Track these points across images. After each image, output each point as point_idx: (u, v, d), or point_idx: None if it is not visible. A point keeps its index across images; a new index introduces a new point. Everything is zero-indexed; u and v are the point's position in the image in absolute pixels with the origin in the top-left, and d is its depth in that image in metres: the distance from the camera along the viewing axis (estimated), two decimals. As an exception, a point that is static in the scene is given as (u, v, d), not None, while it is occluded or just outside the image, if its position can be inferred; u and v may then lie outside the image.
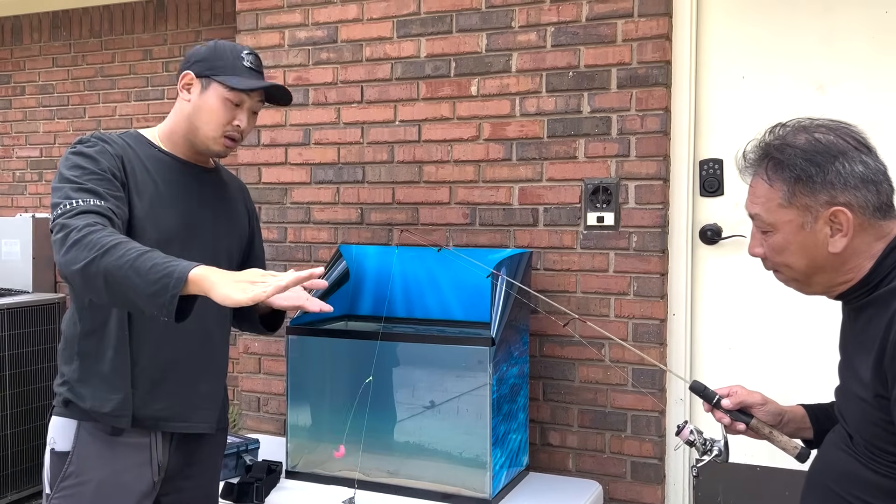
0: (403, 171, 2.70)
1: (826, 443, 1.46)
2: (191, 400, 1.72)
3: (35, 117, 4.48)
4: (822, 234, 1.32)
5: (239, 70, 1.71)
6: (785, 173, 1.32)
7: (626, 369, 2.43)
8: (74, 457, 1.64)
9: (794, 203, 1.32)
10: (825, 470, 1.41)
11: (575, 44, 2.47)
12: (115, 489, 1.65)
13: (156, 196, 1.68)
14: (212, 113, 1.70)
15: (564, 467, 2.50)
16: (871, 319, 1.31)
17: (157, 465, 1.71)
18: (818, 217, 1.31)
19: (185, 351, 1.71)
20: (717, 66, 2.46)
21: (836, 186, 1.29)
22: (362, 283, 2.55)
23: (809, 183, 1.30)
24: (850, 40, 2.33)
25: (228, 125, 1.71)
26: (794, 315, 2.37)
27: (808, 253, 1.34)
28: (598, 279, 2.45)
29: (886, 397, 1.24)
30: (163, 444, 1.72)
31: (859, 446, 1.32)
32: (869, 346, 1.28)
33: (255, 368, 2.92)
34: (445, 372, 2.15)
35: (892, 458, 1.27)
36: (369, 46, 2.74)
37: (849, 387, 1.37)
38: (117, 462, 1.65)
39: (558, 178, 2.50)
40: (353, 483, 2.22)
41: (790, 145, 1.33)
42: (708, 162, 2.46)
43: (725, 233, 2.44)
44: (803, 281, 1.39)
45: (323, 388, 2.32)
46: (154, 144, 1.74)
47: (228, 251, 1.83)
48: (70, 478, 1.63)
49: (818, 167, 1.30)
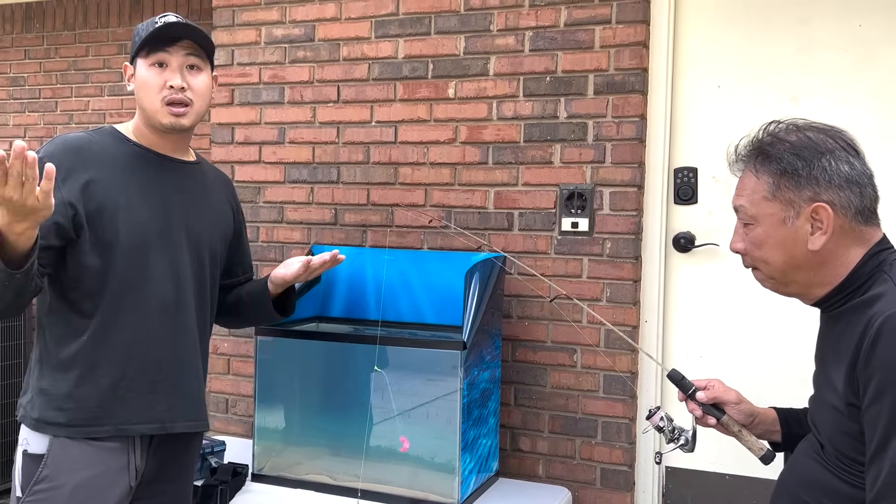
0: (379, 172, 2.68)
1: (797, 451, 1.46)
2: (171, 401, 1.68)
3: (5, 110, 4.39)
4: (803, 231, 1.32)
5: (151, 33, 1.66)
6: (772, 166, 1.34)
7: (598, 375, 2.42)
8: (49, 460, 1.58)
9: (778, 197, 1.33)
10: (795, 478, 1.42)
11: (553, 49, 2.47)
12: (90, 494, 1.60)
13: (131, 193, 1.64)
14: (144, 85, 1.66)
15: (534, 473, 2.49)
16: (846, 328, 1.31)
17: (134, 470, 1.67)
18: (800, 213, 1.32)
19: (163, 351, 1.67)
20: (693, 74, 2.47)
21: (820, 183, 1.30)
22: (334, 285, 2.52)
23: (794, 177, 1.32)
24: (825, 53, 2.35)
25: (164, 90, 1.65)
26: (766, 324, 2.38)
27: (786, 249, 1.34)
28: (572, 285, 2.45)
29: (858, 406, 1.25)
30: (141, 449, 1.67)
31: (830, 455, 1.33)
32: (843, 354, 1.29)
33: (223, 369, 2.88)
34: (416, 375, 2.13)
35: (861, 468, 1.27)
36: (347, 46, 2.72)
37: (823, 395, 1.37)
38: (94, 467, 1.61)
39: (534, 182, 2.50)
40: (320, 487, 2.19)
41: (781, 140, 1.35)
42: (682, 170, 2.47)
43: (699, 241, 2.45)
44: (780, 279, 1.39)
45: (292, 390, 2.28)
46: (129, 139, 1.70)
47: (211, 247, 1.79)
48: (44, 482, 1.57)
49: (804, 161, 1.31)
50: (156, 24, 1.67)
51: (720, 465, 2.43)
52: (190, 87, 1.67)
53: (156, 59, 1.66)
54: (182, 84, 1.66)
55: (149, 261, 1.65)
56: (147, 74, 1.66)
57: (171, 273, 1.68)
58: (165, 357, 1.67)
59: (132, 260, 1.62)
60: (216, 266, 1.82)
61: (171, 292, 1.68)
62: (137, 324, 1.64)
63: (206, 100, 1.72)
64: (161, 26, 1.66)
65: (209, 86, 1.72)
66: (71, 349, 1.61)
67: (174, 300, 1.68)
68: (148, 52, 1.65)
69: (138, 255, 1.63)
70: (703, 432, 1.57)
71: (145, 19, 1.76)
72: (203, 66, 1.71)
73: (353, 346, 2.21)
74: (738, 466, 2.40)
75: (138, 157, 1.68)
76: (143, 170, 1.68)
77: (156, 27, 1.66)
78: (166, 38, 1.66)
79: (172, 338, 1.68)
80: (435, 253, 2.57)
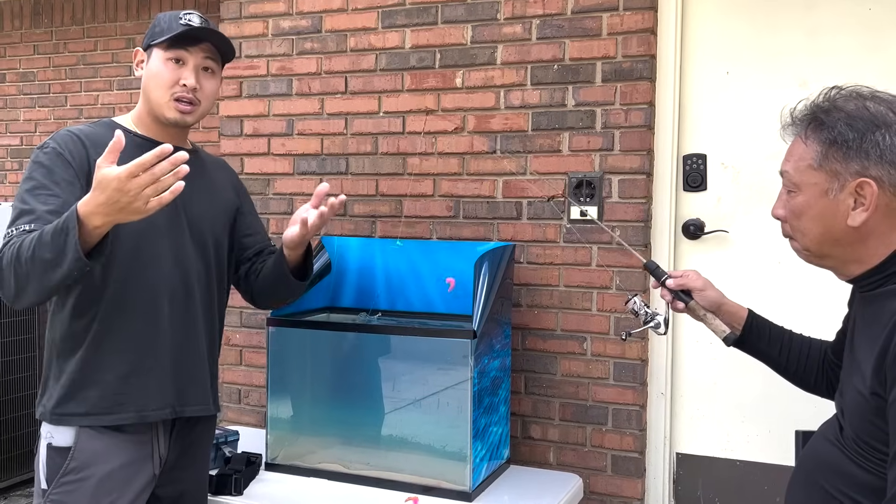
0: (387, 162, 2.69)
1: (818, 433, 1.45)
2: (180, 385, 1.70)
3: (15, 105, 4.42)
4: (844, 206, 1.28)
5: (175, 29, 1.68)
6: (823, 134, 1.29)
7: (608, 363, 2.43)
8: (76, 452, 1.61)
9: (825, 167, 1.28)
10: (814, 462, 1.40)
11: (560, 37, 2.46)
12: (116, 484, 1.63)
13: None
14: (157, 77, 1.68)
15: (545, 460, 2.50)
16: (879, 313, 1.27)
17: (158, 458, 1.70)
18: (844, 186, 1.27)
19: (170, 338, 1.69)
20: (701, 61, 2.46)
21: (870, 157, 1.25)
22: (344, 276, 2.53)
23: (844, 148, 1.26)
24: (834, 37, 2.33)
25: (175, 86, 1.68)
26: (776, 310, 2.37)
27: (825, 222, 1.30)
28: (581, 273, 2.45)
29: (883, 397, 1.22)
30: (164, 436, 1.70)
31: (849, 440, 1.30)
32: (874, 340, 1.25)
33: (236, 360, 2.90)
34: (427, 364, 2.14)
35: (880, 456, 1.24)
36: (354, 37, 2.72)
37: (849, 377, 1.35)
38: (120, 457, 1.63)
39: (542, 171, 2.50)
40: (333, 475, 2.21)
41: (838, 108, 1.30)
42: (691, 157, 2.47)
43: (708, 228, 2.44)
44: (815, 251, 1.36)
45: (304, 380, 2.30)
46: (129, 131, 1.71)
47: (214, 233, 1.80)
48: (71, 473, 1.60)
49: (857, 133, 1.26)
50: (180, 21, 1.68)
51: (731, 451, 2.43)
52: (201, 88, 1.71)
53: (175, 55, 1.68)
54: (195, 85, 1.69)
55: (151, 250, 1.66)
56: (162, 68, 1.68)
57: (174, 261, 1.69)
58: (172, 343, 1.69)
59: (135, 250, 1.64)
60: (222, 251, 1.83)
61: (175, 280, 1.69)
62: (143, 313, 1.65)
63: (212, 102, 1.77)
64: (189, 28, 1.68)
65: (218, 89, 1.78)
66: (79, 341, 1.63)
67: (179, 288, 1.70)
68: (168, 46, 1.67)
69: (141, 244, 1.65)
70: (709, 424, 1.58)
71: (153, 14, 1.78)
72: (217, 71, 1.75)
73: (363, 336, 2.23)
74: (749, 452, 2.41)
75: (137, 145, 1.67)
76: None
77: (182, 27, 1.67)
78: (190, 37, 1.68)
79: (179, 325, 1.70)
80: (444, 242, 2.58)
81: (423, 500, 2.09)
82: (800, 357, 1.65)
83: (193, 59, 1.69)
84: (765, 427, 2.39)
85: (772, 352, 1.67)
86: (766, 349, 1.68)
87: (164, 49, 1.67)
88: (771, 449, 2.36)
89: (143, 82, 1.71)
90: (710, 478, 2.46)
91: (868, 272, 1.31)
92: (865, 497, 1.26)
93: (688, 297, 1.66)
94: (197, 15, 1.72)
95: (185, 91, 1.68)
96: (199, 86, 1.70)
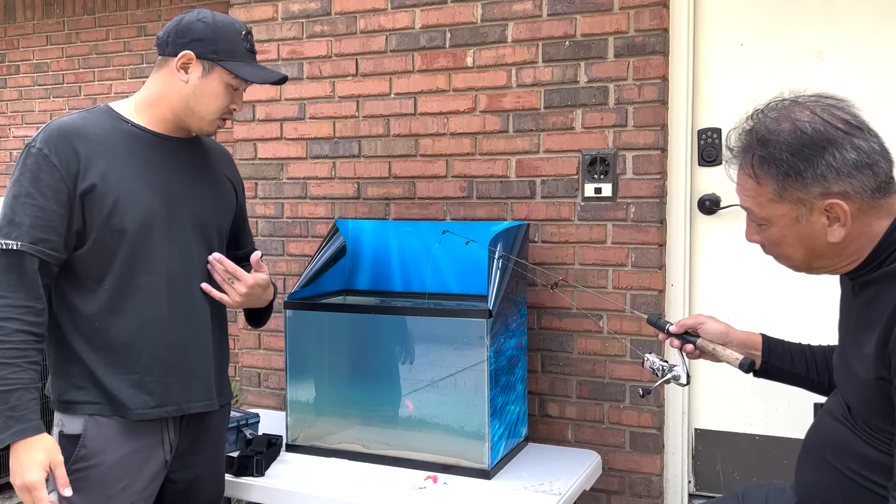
0: (399, 144, 2.69)
1: (824, 410, 1.45)
2: (185, 383, 1.70)
3: (30, 96, 4.46)
4: (819, 224, 1.27)
5: (240, 55, 1.68)
6: (771, 169, 1.26)
7: (625, 340, 2.43)
8: (86, 439, 1.62)
9: (786, 197, 1.27)
10: (822, 440, 1.40)
11: (571, 12, 2.44)
12: (127, 470, 1.64)
13: (131, 176, 1.62)
14: (214, 98, 1.68)
15: (563, 438, 2.51)
16: (875, 296, 1.27)
17: (168, 445, 1.72)
18: (813, 208, 1.26)
19: (175, 333, 1.69)
20: (715, 33, 2.43)
21: (828, 178, 1.23)
22: (359, 258, 2.54)
23: (799, 178, 1.24)
24: (851, 5, 2.29)
25: (225, 110, 1.71)
26: (793, 286, 2.36)
27: (805, 243, 1.30)
28: (596, 251, 2.45)
29: (888, 380, 1.22)
30: (174, 425, 1.72)
31: (857, 419, 1.31)
32: (874, 325, 1.25)
33: (254, 344, 2.93)
34: (443, 344, 2.15)
35: (888, 435, 1.24)
36: (363, 18, 2.71)
37: (849, 361, 1.35)
38: (130, 444, 1.65)
39: (555, 149, 2.48)
40: (352, 455, 2.24)
41: (774, 137, 1.26)
42: (706, 131, 2.44)
43: (724, 202, 2.43)
44: (804, 269, 1.37)
45: (322, 362, 2.32)
46: (126, 119, 1.68)
47: (218, 227, 1.80)
48: (82, 460, 1.62)
49: (807, 161, 1.23)
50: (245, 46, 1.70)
51: (749, 425, 2.43)
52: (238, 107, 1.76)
53: (238, 84, 1.70)
54: (239, 107, 1.75)
55: (154, 244, 1.65)
56: (222, 92, 1.68)
57: (177, 255, 1.69)
58: (177, 339, 1.69)
59: (138, 244, 1.63)
60: (223, 243, 1.83)
61: (178, 274, 1.69)
62: (146, 308, 1.65)
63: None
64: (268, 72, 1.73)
65: None
66: (80, 336, 1.63)
67: (182, 282, 1.70)
68: (235, 76, 1.67)
69: (143, 238, 1.63)
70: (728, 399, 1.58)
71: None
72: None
73: (379, 318, 2.24)
74: (768, 427, 2.40)
75: (137, 137, 1.67)
76: (142, 152, 1.66)
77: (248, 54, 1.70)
78: (260, 77, 1.70)
79: (183, 319, 1.69)
80: (458, 223, 2.58)
81: (442, 479, 2.11)
82: (827, 365, 1.58)
83: (246, 85, 1.73)
84: (784, 401, 2.38)
85: (798, 369, 1.60)
86: (790, 369, 1.61)
87: (229, 75, 1.67)
88: (790, 423, 2.36)
89: (188, 90, 1.66)
90: (729, 453, 2.46)
91: (860, 265, 1.32)
92: (876, 474, 1.26)
93: (693, 336, 1.63)
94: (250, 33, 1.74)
95: (230, 113, 1.73)
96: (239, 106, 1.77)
